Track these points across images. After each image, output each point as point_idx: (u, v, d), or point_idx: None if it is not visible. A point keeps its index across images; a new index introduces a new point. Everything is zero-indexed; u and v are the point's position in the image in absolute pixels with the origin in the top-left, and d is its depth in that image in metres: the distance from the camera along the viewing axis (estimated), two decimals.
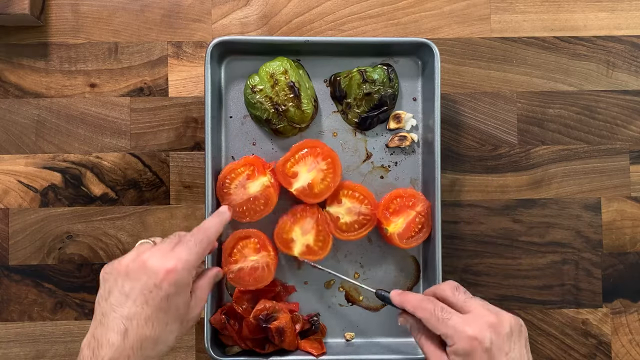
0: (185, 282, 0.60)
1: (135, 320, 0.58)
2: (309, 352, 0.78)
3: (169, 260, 0.60)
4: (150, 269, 0.59)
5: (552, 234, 0.84)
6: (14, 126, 0.83)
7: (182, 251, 0.61)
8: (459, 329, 0.62)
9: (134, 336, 0.57)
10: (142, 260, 0.59)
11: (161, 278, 0.59)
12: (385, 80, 0.79)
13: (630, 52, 0.86)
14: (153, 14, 0.84)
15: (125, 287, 0.59)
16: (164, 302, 0.59)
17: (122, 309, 0.58)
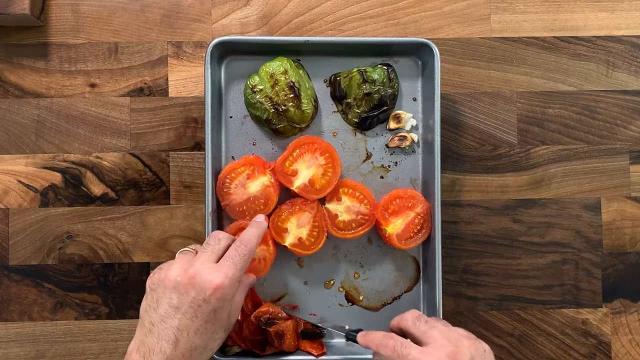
0: (230, 296, 0.64)
1: (186, 331, 0.61)
2: (309, 352, 0.78)
3: (216, 276, 0.63)
4: (198, 285, 0.62)
5: (552, 234, 0.84)
6: (14, 126, 0.83)
7: (228, 267, 0.64)
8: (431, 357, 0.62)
9: (184, 345, 0.61)
10: (190, 276, 0.63)
11: (209, 294, 0.62)
12: (385, 80, 0.79)
13: (630, 52, 0.86)
14: (153, 14, 0.84)
15: (174, 300, 0.62)
16: (212, 315, 0.63)
17: (172, 320, 0.62)
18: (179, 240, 0.83)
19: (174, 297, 0.62)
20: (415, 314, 0.68)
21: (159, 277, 0.64)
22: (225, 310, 0.64)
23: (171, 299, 0.62)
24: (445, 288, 0.81)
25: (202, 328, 0.62)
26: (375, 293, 0.82)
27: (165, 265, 0.65)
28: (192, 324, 0.62)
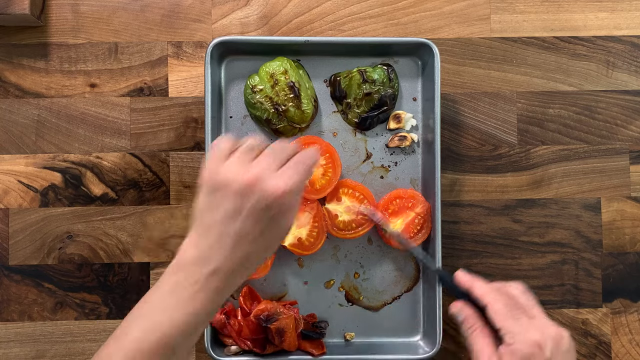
0: (291, 204, 0.60)
1: (244, 237, 0.58)
2: (309, 352, 0.78)
3: (281, 183, 0.59)
4: (262, 190, 0.58)
5: (552, 234, 0.84)
6: (14, 126, 0.83)
7: (292, 175, 0.60)
8: (525, 331, 0.62)
9: (240, 251, 0.58)
10: (255, 180, 0.58)
11: (272, 200, 0.58)
12: (385, 80, 0.79)
13: (630, 52, 0.86)
14: (153, 14, 0.84)
15: (237, 204, 0.58)
16: (271, 222, 0.59)
17: (233, 225, 0.58)
18: (179, 240, 0.82)
19: (237, 201, 0.58)
20: (524, 287, 0.67)
21: (221, 178, 0.59)
22: (284, 218, 0.60)
23: (234, 203, 0.58)
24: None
25: (260, 234, 0.59)
26: (375, 293, 0.82)
27: (226, 165, 0.60)
28: (252, 230, 0.58)
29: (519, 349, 0.61)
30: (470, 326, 0.66)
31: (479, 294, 0.66)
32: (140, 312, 0.59)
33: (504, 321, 0.63)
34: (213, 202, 0.59)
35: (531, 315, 0.64)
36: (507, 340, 0.62)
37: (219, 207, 0.59)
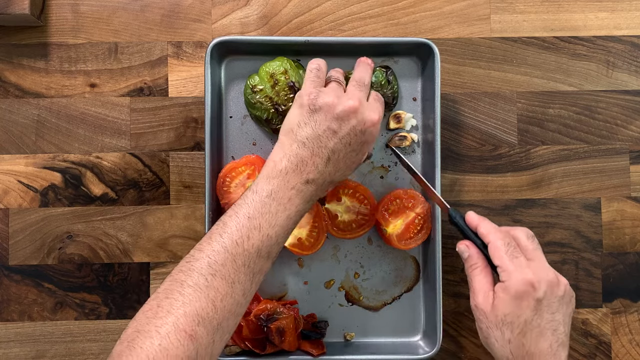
0: (375, 134, 0.69)
1: (337, 154, 0.66)
2: (309, 352, 0.78)
3: (375, 113, 0.69)
4: (360, 117, 0.67)
5: (552, 234, 0.84)
6: (14, 126, 0.83)
7: (381, 109, 0.71)
8: (521, 269, 0.65)
9: (332, 166, 0.66)
10: (355, 107, 0.67)
11: (367, 126, 0.68)
12: (384, 82, 0.79)
13: (630, 52, 0.86)
14: (153, 14, 0.84)
15: (335, 125, 0.66)
16: (361, 147, 0.68)
17: (329, 142, 0.66)
18: (179, 240, 0.83)
19: (336, 123, 0.66)
20: (530, 232, 0.70)
21: (324, 101, 0.67)
22: (369, 145, 0.69)
23: (334, 124, 0.66)
24: (445, 288, 0.81)
25: (350, 154, 0.67)
26: (375, 293, 0.82)
27: (325, 91, 0.68)
28: (344, 148, 0.67)
29: (511, 286, 0.64)
30: (472, 264, 0.69)
31: (483, 232, 0.69)
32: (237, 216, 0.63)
33: (501, 259, 0.66)
34: (312, 120, 0.67)
35: (530, 257, 0.67)
36: (502, 278, 0.65)
37: (319, 126, 0.66)
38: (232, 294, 0.60)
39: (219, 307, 0.59)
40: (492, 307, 0.65)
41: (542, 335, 0.64)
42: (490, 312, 0.65)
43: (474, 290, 0.68)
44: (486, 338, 0.66)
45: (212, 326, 0.58)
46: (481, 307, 0.66)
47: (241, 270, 0.61)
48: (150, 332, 0.55)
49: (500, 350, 0.65)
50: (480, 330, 0.67)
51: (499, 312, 0.64)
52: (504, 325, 0.64)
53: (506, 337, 0.64)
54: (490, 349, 0.67)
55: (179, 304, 0.57)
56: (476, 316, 0.67)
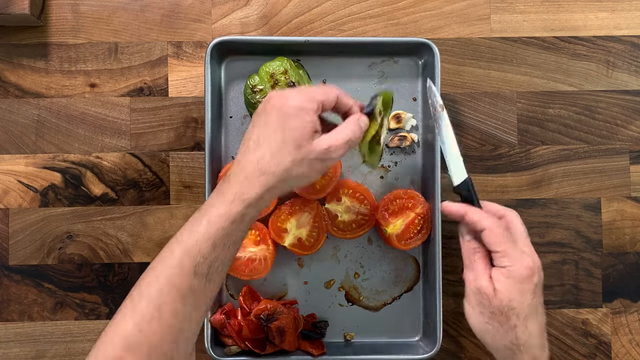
0: (299, 105, 0.62)
1: (257, 141, 0.63)
2: (309, 352, 0.78)
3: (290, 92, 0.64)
4: (277, 98, 0.64)
5: (552, 234, 0.84)
6: (14, 126, 0.83)
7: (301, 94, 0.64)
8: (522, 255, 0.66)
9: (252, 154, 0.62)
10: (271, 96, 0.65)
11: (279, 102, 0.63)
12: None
13: (630, 52, 0.86)
14: (153, 14, 0.84)
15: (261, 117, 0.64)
16: (280, 122, 0.62)
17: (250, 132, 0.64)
18: None
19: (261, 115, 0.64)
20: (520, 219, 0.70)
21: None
22: (294, 122, 0.62)
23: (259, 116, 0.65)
24: (445, 288, 0.81)
25: (272, 135, 0.62)
26: (375, 293, 0.82)
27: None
28: (261, 130, 0.63)
29: (516, 271, 0.65)
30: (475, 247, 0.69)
31: (475, 219, 0.68)
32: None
33: (502, 244, 0.66)
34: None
35: (524, 244, 0.68)
36: (503, 263, 0.66)
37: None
38: (159, 317, 0.57)
39: (145, 331, 0.57)
40: (495, 292, 0.65)
41: (537, 318, 0.66)
42: (494, 297, 0.65)
43: (477, 275, 0.67)
44: (487, 324, 0.66)
45: (141, 352, 0.56)
46: (485, 291, 0.65)
47: (165, 290, 0.58)
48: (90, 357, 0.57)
49: (503, 336, 0.65)
50: (481, 315, 0.66)
51: (504, 297, 0.64)
52: (510, 311, 0.64)
53: (512, 322, 0.64)
54: (488, 335, 0.66)
55: (111, 328, 0.57)
56: (477, 301, 0.66)
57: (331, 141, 0.63)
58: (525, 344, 0.64)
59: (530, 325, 0.65)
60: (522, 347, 0.64)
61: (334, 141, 0.63)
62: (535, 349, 0.65)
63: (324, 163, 0.63)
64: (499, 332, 0.65)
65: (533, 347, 0.65)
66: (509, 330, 0.64)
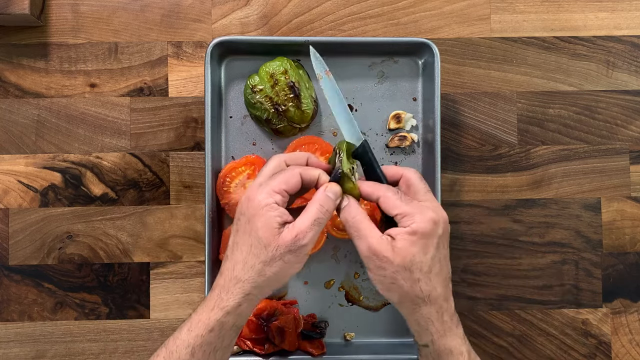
0: (261, 204, 0.62)
1: (232, 247, 0.64)
2: (309, 352, 0.78)
3: (250, 189, 0.65)
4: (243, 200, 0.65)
5: (552, 234, 0.84)
6: (14, 126, 0.83)
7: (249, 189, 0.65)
8: (421, 210, 0.64)
9: (229, 261, 0.64)
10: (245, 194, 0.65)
11: (245, 206, 0.64)
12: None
13: (630, 52, 0.86)
14: (153, 14, 0.84)
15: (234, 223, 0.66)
16: (247, 226, 0.63)
17: (230, 238, 0.65)
18: (179, 240, 0.83)
19: (235, 219, 0.66)
20: (419, 175, 0.68)
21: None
22: (258, 222, 0.62)
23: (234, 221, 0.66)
24: None
25: (240, 241, 0.63)
26: (376, 293, 0.82)
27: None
28: (234, 237, 0.64)
29: (419, 227, 0.63)
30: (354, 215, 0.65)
31: (368, 191, 0.66)
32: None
33: (398, 207, 0.64)
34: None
35: (425, 198, 0.66)
36: (406, 223, 0.63)
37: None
38: None
39: None
40: (396, 250, 0.63)
41: (441, 269, 0.65)
42: (394, 256, 0.62)
43: (365, 235, 0.63)
44: (392, 283, 0.63)
45: None
46: (381, 252, 0.63)
47: None
48: None
49: (409, 291, 0.64)
50: (383, 277, 0.63)
51: (407, 253, 0.63)
52: (413, 265, 0.63)
53: (415, 276, 0.63)
54: (394, 294, 0.64)
55: None
56: (375, 264, 0.63)
57: (297, 229, 0.62)
58: (429, 296, 0.64)
59: (433, 278, 0.64)
60: (426, 299, 0.64)
61: (299, 227, 0.62)
62: (440, 300, 0.64)
63: (297, 254, 0.62)
64: (403, 288, 0.63)
65: (438, 299, 0.64)
66: (413, 284, 0.63)
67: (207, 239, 0.76)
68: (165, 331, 0.82)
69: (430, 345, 0.65)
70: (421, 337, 0.66)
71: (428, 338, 0.65)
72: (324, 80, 0.71)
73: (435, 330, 0.65)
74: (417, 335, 0.66)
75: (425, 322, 0.64)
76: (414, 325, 0.66)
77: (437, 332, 0.65)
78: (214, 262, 0.78)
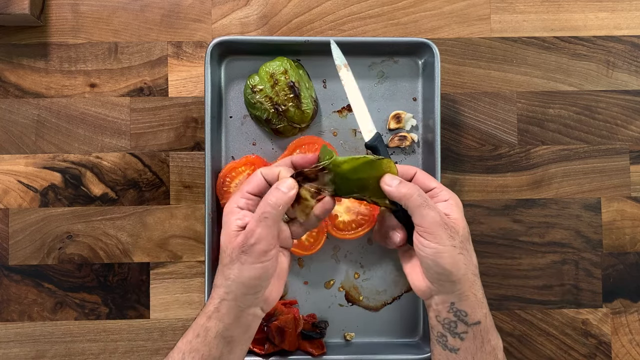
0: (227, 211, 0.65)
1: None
2: (309, 352, 0.78)
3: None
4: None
5: (552, 234, 0.84)
6: (14, 126, 0.83)
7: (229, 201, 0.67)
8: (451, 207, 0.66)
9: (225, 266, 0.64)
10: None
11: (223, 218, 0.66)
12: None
13: (630, 52, 0.86)
14: (153, 14, 0.84)
15: None
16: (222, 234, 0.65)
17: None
18: (179, 240, 0.83)
19: None
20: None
21: None
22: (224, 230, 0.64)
23: None
24: None
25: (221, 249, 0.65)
26: (375, 293, 0.82)
27: None
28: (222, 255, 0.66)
29: (458, 203, 0.67)
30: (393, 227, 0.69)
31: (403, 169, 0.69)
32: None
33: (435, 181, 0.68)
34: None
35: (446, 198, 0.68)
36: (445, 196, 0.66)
37: None
38: None
39: None
40: (455, 221, 0.65)
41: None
42: (457, 225, 0.64)
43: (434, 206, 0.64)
44: (460, 253, 0.63)
45: None
46: (450, 220, 0.64)
47: None
48: None
49: (471, 260, 0.65)
50: (453, 247, 0.63)
51: (463, 223, 0.65)
52: (469, 237, 0.66)
53: (471, 248, 0.66)
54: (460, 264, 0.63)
55: None
56: (447, 233, 0.63)
57: (246, 229, 0.63)
58: (477, 266, 0.66)
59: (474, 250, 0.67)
60: (477, 270, 0.65)
61: (248, 227, 0.62)
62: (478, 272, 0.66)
63: (250, 253, 0.62)
64: (469, 257, 0.65)
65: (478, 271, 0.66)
66: (472, 253, 0.66)
67: (207, 239, 0.76)
68: (165, 331, 0.82)
69: (483, 320, 0.64)
70: (476, 312, 0.64)
71: (483, 311, 0.64)
72: (343, 72, 0.75)
73: (486, 301, 0.65)
74: (470, 313, 0.64)
75: (481, 294, 0.65)
76: (469, 303, 0.64)
77: (487, 303, 0.65)
78: (214, 262, 0.78)
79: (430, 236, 0.63)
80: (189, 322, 0.82)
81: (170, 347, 0.82)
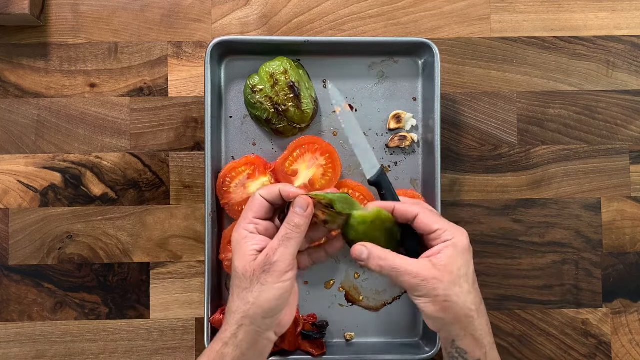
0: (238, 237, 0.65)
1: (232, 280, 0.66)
2: (309, 352, 0.78)
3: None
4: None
5: (552, 234, 0.84)
6: (14, 126, 0.83)
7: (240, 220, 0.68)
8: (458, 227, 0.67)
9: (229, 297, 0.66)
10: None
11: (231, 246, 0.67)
12: None
13: (630, 52, 0.86)
14: (153, 14, 0.84)
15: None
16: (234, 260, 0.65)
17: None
18: (179, 240, 0.83)
19: None
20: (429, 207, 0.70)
21: None
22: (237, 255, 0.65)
23: None
24: None
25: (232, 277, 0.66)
26: (375, 293, 0.82)
27: None
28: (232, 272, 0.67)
29: (459, 242, 0.65)
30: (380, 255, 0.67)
31: (405, 208, 0.68)
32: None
33: (439, 222, 0.66)
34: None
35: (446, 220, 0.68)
36: (447, 237, 0.65)
37: None
38: None
39: None
40: (440, 268, 0.63)
41: (476, 282, 0.67)
42: (442, 274, 0.63)
43: (404, 269, 0.64)
44: (445, 301, 0.63)
45: None
46: (429, 275, 0.63)
47: None
48: None
49: (463, 306, 0.64)
50: (436, 298, 0.63)
51: (454, 267, 0.64)
52: (461, 279, 0.64)
53: (465, 289, 0.64)
54: (449, 311, 0.64)
55: None
56: (427, 289, 0.63)
57: (267, 249, 0.64)
58: (478, 308, 0.64)
59: (477, 290, 0.66)
60: (477, 311, 0.64)
61: (270, 246, 0.64)
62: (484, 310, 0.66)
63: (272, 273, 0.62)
64: (458, 304, 0.63)
65: (483, 309, 0.65)
66: (465, 297, 0.64)
67: (207, 239, 0.76)
68: (165, 331, 0.82)
69: (483, 358, 0.64)
70: (475, 352, 0.64)
71: (482, 351, 0.64)
72: (342, 112, 0.75)
73: (487, 342, 0.64)
74: (470, 352, 0.64)
75: (480, 335, 0.64)
76: (467, 343, 0.64)
77: (489, 344, 0.65)
78: (214, 262, 0.78)
79: (414, 292, 0.64)
80: (189, 322, 0.82)
81: (170, 347, 0.82)
